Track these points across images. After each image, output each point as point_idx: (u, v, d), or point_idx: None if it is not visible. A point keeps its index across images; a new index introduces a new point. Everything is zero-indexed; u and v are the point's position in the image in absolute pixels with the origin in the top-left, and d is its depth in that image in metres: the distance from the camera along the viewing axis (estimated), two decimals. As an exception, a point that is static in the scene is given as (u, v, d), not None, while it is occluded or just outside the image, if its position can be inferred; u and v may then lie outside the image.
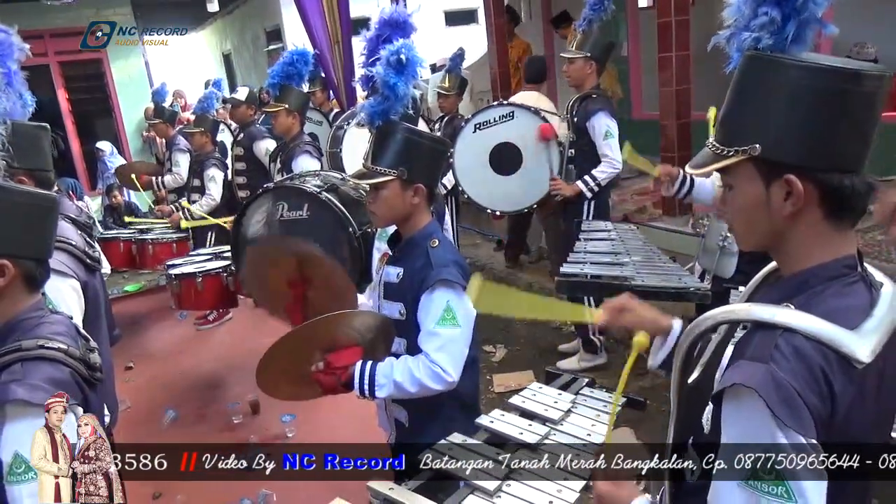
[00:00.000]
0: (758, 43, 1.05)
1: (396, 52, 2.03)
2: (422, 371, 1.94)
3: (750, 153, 1.04)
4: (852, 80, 1.00)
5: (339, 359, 1.98)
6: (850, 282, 1.05)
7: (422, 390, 1.95)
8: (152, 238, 5.14)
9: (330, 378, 1.97)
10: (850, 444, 1.00)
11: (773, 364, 0.95)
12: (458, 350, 1.97)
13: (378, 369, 1.97)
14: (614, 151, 3.98)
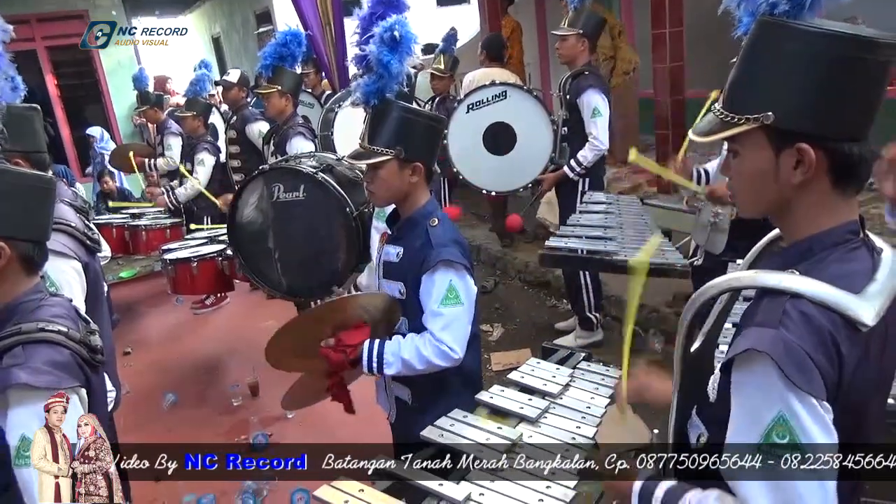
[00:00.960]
0: (774, 8, 1.03)
1: (390, 29, 2.01)
2: (429, 349, 1.96)
3: (763, 121, 1.02)
4: (868, 48, 0.99)
5: (349, 337, 1.99)
6: (853, 247, 1.05)
7: (429, 367, 1.98)
8: (145, 224, 5.12)
9: (339, 355, 1.98)
10: (856, 407, 1.01)
11: (782, 329, 0.96)
12: (462, 327, 1.99)
13: (386, 347, 1.99)
14: (600, 131, 3.97)
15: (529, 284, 5.68)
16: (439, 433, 1.63)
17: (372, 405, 2.82)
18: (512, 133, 4.37)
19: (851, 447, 1.04)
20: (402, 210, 2.15)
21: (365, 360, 1.99)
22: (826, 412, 0.96)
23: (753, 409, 0.99)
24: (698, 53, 6.01)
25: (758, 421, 0.98)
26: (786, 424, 0.95)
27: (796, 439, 0.95)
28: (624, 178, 6.19)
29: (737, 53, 1.11)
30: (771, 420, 0.96)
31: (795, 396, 0.95)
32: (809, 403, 0.95)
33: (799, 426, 0.95)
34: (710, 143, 1.10)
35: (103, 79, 10.18)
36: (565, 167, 4.10)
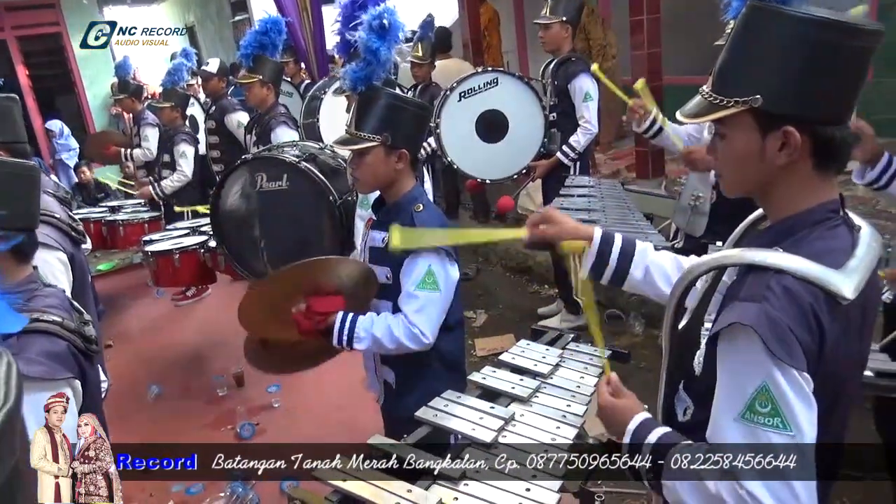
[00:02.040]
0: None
1: (379, 17, 2.02)
2: (400, 330, 1.99)
3: (751, 104, 1.06)
4: (853, 34, 1.03)
5: (320, 304, 2.00)
6: (833, 225, 1.10)
7: (399, 348, 2.01)
8: (122, 219, 5.05)
9: (309, 321, 1.99)
10: (836, 378, 1.06)
11: (766, 303, 1.00)
12: (435, 313, 2.02)
13: (359, 322, 2.01)
14: (591, 114, 4.03)
15: (511, 271, 5.73)
16: (433, 413, 1.65)
17: (359, 392, 2.85)
18: (504, 120, 4.38)
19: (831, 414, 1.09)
20: (387, 196, 2.17)
21: (336, 332, 2.01)
22: (807, 383, 1.01)
23: (738, 379, 1.04)
24: (674, 40, 6.08)
25: (742, 391, 1.03)
26: (768, 394, 1.00)
27: (778, 408, 1.00)
28: (603, 164, 6.25)
29: (712, 40, 1.15)
30: (754, 390, 1.01)
31: (777, 367, 0.99)
32: (791, 374, 0.99)
33: (780, 395, 0.99)
34: (698, 124, 1.14)
35: (76, 69, 10.02)
36: (558, 153, 4.13)
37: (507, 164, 4.44)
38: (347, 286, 2.06)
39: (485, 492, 1.37)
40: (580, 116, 4.05)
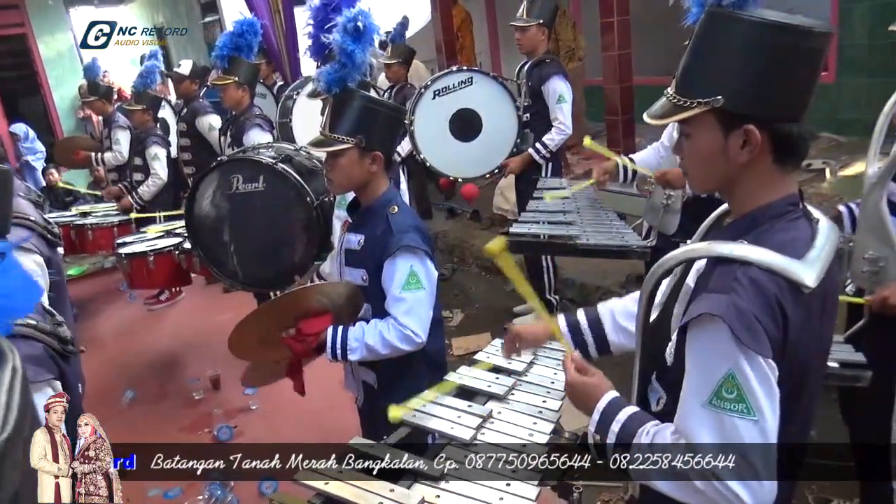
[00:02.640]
0: (721, 0, 1.12)
1: (353, 20, 2.04)
2: (392, 334, 2.01)
3: (713, 104, 1.11)
4: (805, 36, 1.08)
5: (309, 326, 2.03)
6: (793, 217, 1.15)
7: (393, 352, 2.03)
8: (91, 223, 4.94)
9: (301, 344, 2.02)
10: (800, 364, 1.11)
11: (734, 294, 1.05)
12: (424, 312, 2.05)
13: (350, 333, 2.03)
14: (566, 116, 4.07)
15: (487, 270, 5.77)
16: (412, 413, 1.67)
17: (336, 394, 2.84)
18: (478, 119, 4.41)
19: (797, 398, 1.14)
20: (361, 198, 2.18)
21: (329, 347, 2.03)
22: (771, 370, 1.06)
23: (705, 367, 1.09)
24: (644, 41, 6.18)
25: (709, 378, 1.08)
26: (734, 381, 1.05)
27: (743, 394, 1.05)
28: (576, 164, 6.32)
29: (680, 41, 1.20)
30: (721, 376, 1.06)
31: (744, 356, 1.04)
32: (756, 363, 1.05)
33: (746, 383, 1.05)
34: (664, 124, 1.18)
35: (42, 70, 9.84)
36: (531, 150, 4.17)
37: (480, 163, 4.47)
38: (335, 304, 2.08)
39: (466, 489, 1.40)
40: (554, 118, 4.10)
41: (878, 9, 5.51)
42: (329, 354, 2.04)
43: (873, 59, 5.61)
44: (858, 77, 5.75)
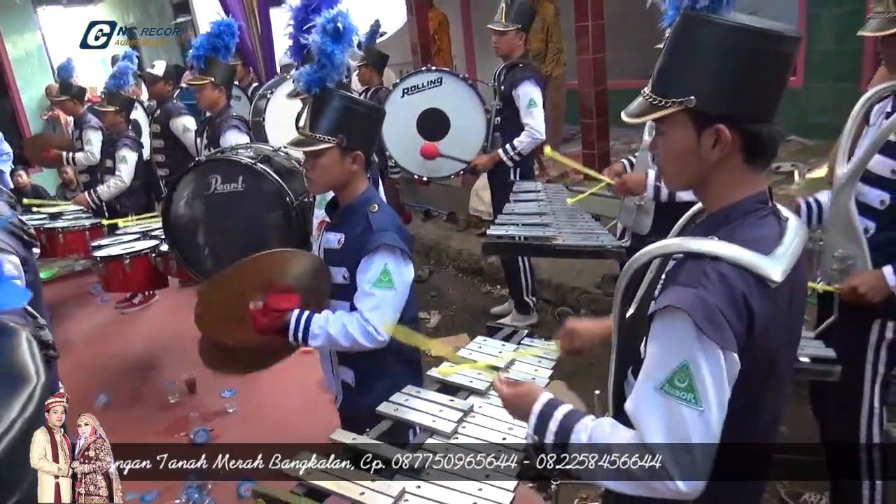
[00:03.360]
0: (696, 3, 1.17)
1: (333, 20, 2.06)
2: (355, 327, 2.02)
3: (686, 104, 1.15)
4: (776, 41, 1.13)
5: (278, 301, 2.03)
6: (763, 215, 1.20)
7: (353, 345, 2.05)
8: (62, 226, 4.84)
9: (266, 318, 2.02)
10: (768, 356, 1.15)
11: (701, 288, 1.09)
12: (390, 311, 2.06)
13: (314, 319, 2.04)
14: (536, 121, 4.09)
15: (463, 272, 5.81)
16: (394, 408, 1.70)
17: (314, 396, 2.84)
18: (446, 120, 4.45)
19: (762, 395, 1.18)
20: (341, 197, 2.20)
21: (291, 328, 2.04)
22: (731, 365, 1.10)
23: (663, 356, 1.14)
24: (618, 45, 6.27)
25: (665, 366, 1.13)
26: (687, 371, 1.10)
27: (693, 385, 1.09)
28: (551, 167, 6.38)
29: (652, 44, 1.24)
30: (676, 365, 1.11)
31: (702, 350, 1.09)
32: (713, 356, 1.09)
33: (698, 374, 1.09)
34: (640, 123, 1.23)
35: (9, 70, 9.65)
36: (500, 151, 4.20)
37: (446, 163, 4.52)
38: (303, 282, 2.08)
39: (446, 480, 1.42)
40: (525, 123, 4.11)
41: (844, 15, 5.66)
42: (290, 335, 2.05)
43: (840, 64, 5.76)
44: (825, 82, 5.89)
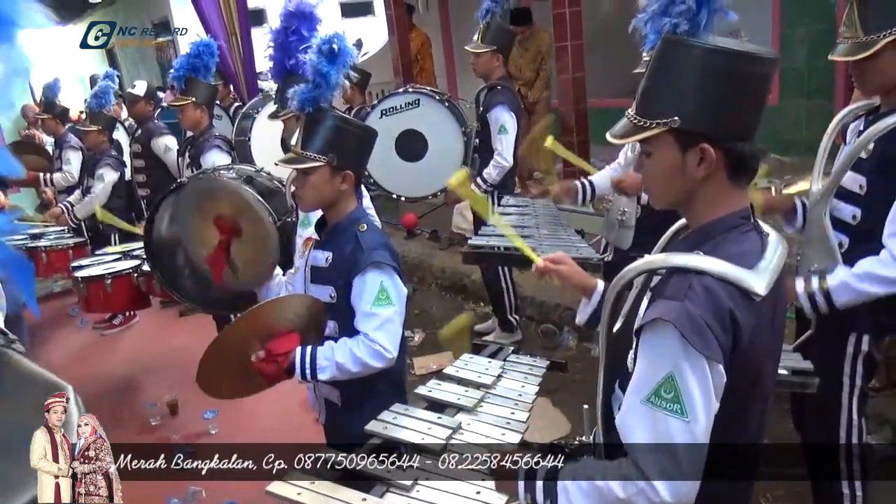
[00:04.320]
0: (676, 28, 1.21)
1: (329, 42, 2.09)
2: (363, 350, 2.01)
3: (671, 125, 1.19)
4: (754, 62, 1.18)
5: (278, 346, 2.01)
6: (745, 230, 1.24)
7: (364, 369, 2.02)
8: (45, 245, 4.77)
9: (271, 366, 2.00)
10: (753, 368, 1.18)
11: (687, 301, 1.12)
12: (394, 328, 2.06)
13: (319, 352, 2.02)
14: (505, 147, 4.08)
15: (447, 290, 5.81)
16: (383, 426, 1.70)
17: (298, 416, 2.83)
18: (424, 141, 4.47)
19: (749, 402, 1.21)
20: (329, 216, 2.20)
21: (298, 368, 2.01)
22: (717, 376, 1.12)
23: (650, 367, 1.16)
24: (597, 65, 6.37)
25: (652, 378, 1.15)
26: (673, 382, 1.12)
27: (680, 396, 1.12)
28: (533, 185, 6.42)
29: (630, 64, 1.28)
30: (662, 377, 1.13)
31: (687, 361, 1.11)
32: (699, 367, 1.11)
33: (684, 385, 1.12)
34: (625, 144, 1.26)
35: (-14, 90, 9.53)
36: (472, 185, 4.21)
37: (424, 184, 4.56)
38: (298, 322, 2.07)
39: (437, 497, 1.42)
40: (494, 148, 4.11)
41: (816, 34, 5.80)
42: (298, 375, 2.03)
43: (812, 82, 5.90)
44: (799, 99, 6.02)
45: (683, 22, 1.20)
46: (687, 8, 1.20)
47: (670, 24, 1.21)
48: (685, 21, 1.20)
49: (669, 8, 1.21)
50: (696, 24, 1.19)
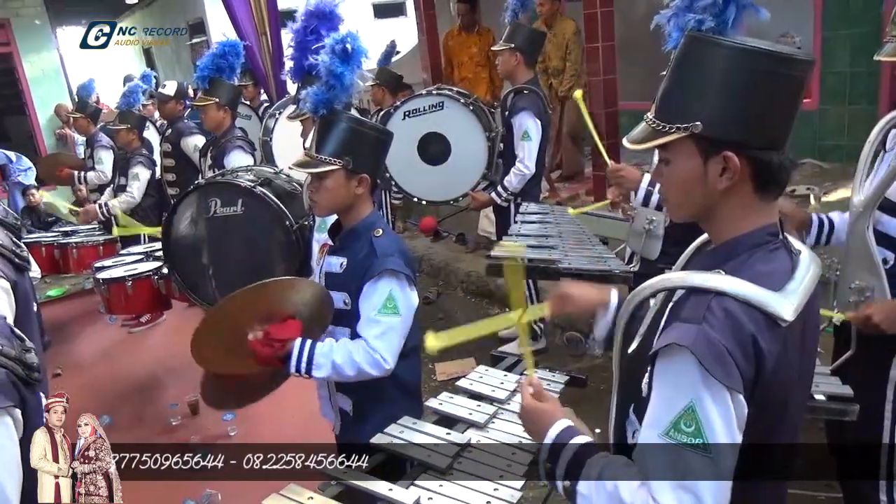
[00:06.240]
0: (701, 25, 1.11)
1: (342, 42, 2.03)
2: (361, 356, 1.95)
3: (692, 130, 1.09)
4: (786, 63, 1.07)
5: (279, 331, 1.94)
6: (773, 248, 1.13)
7: (359, 375, 1.97)
8: (76, 241, 4.89)
9: (267, 349, 1.93)
10: (778, 400, 1.08)
11: (705, 325, 1.02)
12: (396, 338, 2.00)
13: (317, 348, 1.96)
14: (527, 154, 3.98)
15: (472, 294, 5.74)
16: (389, 440, 1.64)
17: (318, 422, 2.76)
18: (447, 144, 4.40)
19: (775, 435, 1.11)
20: (344, 221, 2.15)
21: (294, 359, 1.95)
22: (738, 407, 1.02)
23: (668, 397, 1.06)
24: (629, 66, 6.23)
25: (670, 409, 1.04)
26: (693, 414, 1.02)
27: (701, 429, 1.01)
28: (563, 189, 6.33)
29: (664, 66, 1.18)
30: (682, 408, 1.03)
31: (708, 390, 1.01)
32: (721, 397, 1.01)
33: (705, 418, 1.01)
34: (643, 150, 1.16)
35: (27, 89, 9.78)
36: (493, 194, 4.13)
37: (447, 188, 4.49)
38: (303, 311, 2.01)
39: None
40: (516, 154, 4.01)
41: (858, 37, 5.60)
42: (293, 367, 1.96)
43: (854, 86, 5.70)
44: (840, 104, 5.82)
45: (709, 18, 1.10)
46: (713, 2, 1.09)
47: (694, 21, 1.11)
48: (711, 17, 1.10)
49: (694, 3, 1.11)
50: (723, 21, 1.09)
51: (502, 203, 4.12)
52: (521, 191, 4.09)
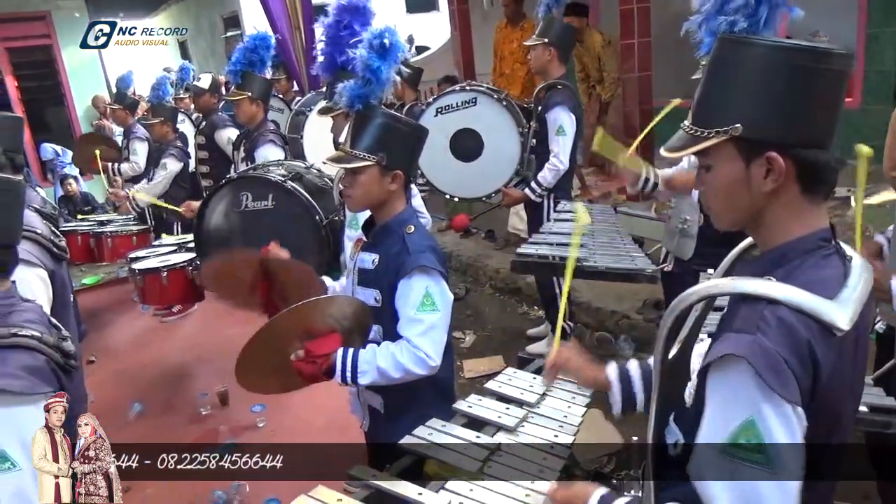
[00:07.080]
0: (733, 26, 1.07)
1: (380, 36, 2.01)
2: (405, 356, 1.93)
3: (731, 133, 1.05)
4: (825, 58, 1.03)
5: (318, 346, 1.95)
6: (826, 254, 1.08)
7: (406, 375, 1.95)
8: (111, 231, 4.98)
9: (311, 366, 1.94)
10: (832, 413, 1.03)
11: (760, 334, 0.98)
12: (439, 334, 1.98)
13: (360, 356, 1.96)
14: (562, 149, 3.93)
15: (501, 291, 5.71)
16: (418, 441, 1.62)
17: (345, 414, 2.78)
18: (479, 140, 4.37)
19: (826, 450, 1.06)
20: (377, 217, 2.13)
21: (339, 370, 1.95)
22: (798, 418, 0.98)
23: (725, 411, 1.01)
24: (664, 63, 6.13)
25: (728, 423, 1.00)
26: (754, 428, 0.97)
27: (762, 443, 0.97)
28: (594, 186, 6.26)
29: (697, 64, 1.14)
30: (741, 422, 0.98)
31: (768, 401, 0.96)
32: (781, 409, 0.96)
33: (766, 431, 0.96)
34: (682, 157, 1.12)
35: (66, 80, 9.97)
36: (527, 189, 4.09)
37: (479, 185, 4.44)
38: (341, 323, 2.01)
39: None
40: (551, 149, 3.96)
41: (904, 35, 5.44)
42: (339, 377, 1.96)
43: (900, 85, 5.54)
44: (884, 103, 5.66)
45: (741, 19, 1.07)
46: (745, 3, 1.06)
47: (726, 23, 1.08)
48: (743, 18, 1.07)
49: (725, 5, 1.08)
50: (755, 21, 1.06)
51: (536, 199, 4.07)
52: (555, 186, 4.06)
